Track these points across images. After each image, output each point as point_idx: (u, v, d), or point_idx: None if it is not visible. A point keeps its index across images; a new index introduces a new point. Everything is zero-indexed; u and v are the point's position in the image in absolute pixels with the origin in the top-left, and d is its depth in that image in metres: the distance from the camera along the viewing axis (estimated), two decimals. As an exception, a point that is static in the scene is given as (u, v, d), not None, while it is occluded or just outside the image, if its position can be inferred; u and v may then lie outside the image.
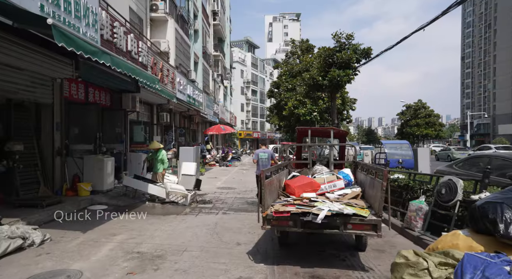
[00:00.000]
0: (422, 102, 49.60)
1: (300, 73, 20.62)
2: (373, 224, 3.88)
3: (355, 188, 5.28)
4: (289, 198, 4.96)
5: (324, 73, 14.60)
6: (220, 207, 8.42)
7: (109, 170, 8.87)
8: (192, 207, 8.30)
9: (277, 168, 5.61)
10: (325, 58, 14.52)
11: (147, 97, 13.73)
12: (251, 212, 7.87)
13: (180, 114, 20.44)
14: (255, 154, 8.89)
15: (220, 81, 34.04)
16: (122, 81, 10.26)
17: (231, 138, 44.72)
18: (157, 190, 8.41)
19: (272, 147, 23.02)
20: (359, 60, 14.35)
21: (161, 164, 9.05)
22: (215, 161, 23.37)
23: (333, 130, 6.81)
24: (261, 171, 4.40)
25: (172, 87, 14.85)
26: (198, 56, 22.94)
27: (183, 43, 18.29)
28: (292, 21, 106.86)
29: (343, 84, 14.08)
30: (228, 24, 41.12)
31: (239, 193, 10.89)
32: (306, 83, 15.99)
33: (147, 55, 11.54)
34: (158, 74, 12.98)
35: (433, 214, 5.21)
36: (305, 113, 19.53)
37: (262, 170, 4.44)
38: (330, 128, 6.86)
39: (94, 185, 8.35)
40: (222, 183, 13.57)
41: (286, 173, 6.28)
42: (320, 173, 5.76)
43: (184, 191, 8.48)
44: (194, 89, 18.97)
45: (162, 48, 15.29)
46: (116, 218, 6.76)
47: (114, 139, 11.06)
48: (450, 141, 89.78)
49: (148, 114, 15.49)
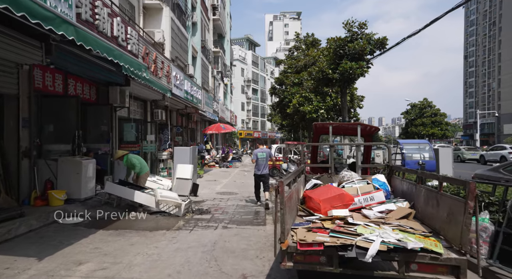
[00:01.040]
0: (428, 101, 48.25)
1: (305, 67, 19.29)
2: (453, 265, 2.55)
3: (400, 202, 3.94)
4: (314, 217, 3.64)
5: (335, 65, 13.26)
6: (220, 218, 7.08)
7: (90, 174, 7.55)
8: (186, 218, 6.97)
9: (295, 175, 4.29)
10: (336, 49, 13.19)
11: (140, 92, 12.41)
12: (257, 225, 6.54)
13: (177, 112, 19.10)
14: (254, 153, 8.87)
15: (220, 78, 32.70)
16: (107, 72, 8.93)
17: (231, 138, 43.38)
18: (145, 198, 7.07)
19: (276, 146, 21.66)
20: (373, 52, 13.02)
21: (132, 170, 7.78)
22: (215, 162, 22.03)
23: (360, 126, 5.48)
24: (280, 182, 3.09)
25: (167, 81, 13.51)
26: (196, 50, 21.60)
27: (179, 34, 16.95)
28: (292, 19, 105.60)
29: (355, 77, 12.74)
30: (228, 20, 39.78)
31: (242, 200, 9.56)
32: (314, 77, 14.64)
33: (137, 44, 10.18)
34: (151, 66, 11.63)
35: (506, 238, 3.88)
36: (311, 110, 18.18)
37: (281, 180, 3.12)
38: (356, 124, 5.51)
39: (70, 192, 7.02)
40: (222, 187, 12.23)
41: (303, 181, 4.96)
42: (349, 181, 4.42)
43: (177, 199, 7.15)
44: (192, 85, 17.63)
45: (156, 38, 13.95)
46: (91, 235, 5.43)
47: (99, 138, 9.72)
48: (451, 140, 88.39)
49: (141, 112, 14.15)
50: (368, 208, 3.90)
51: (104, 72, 8.92)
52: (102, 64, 8.22)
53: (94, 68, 8.39)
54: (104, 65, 8.33)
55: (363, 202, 3.99)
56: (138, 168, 7.68)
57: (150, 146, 13.52)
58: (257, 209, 8.23)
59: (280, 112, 25.91)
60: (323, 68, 13.40)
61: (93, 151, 9.32)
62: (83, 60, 7.79)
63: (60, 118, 7.99)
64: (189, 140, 21.21)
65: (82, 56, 7.47)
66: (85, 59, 7.72)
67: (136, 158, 7.74)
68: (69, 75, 8.55)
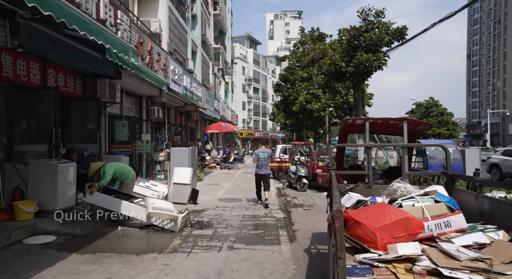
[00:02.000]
0: (434, 100, 46.99)
1: (313, 62, 18.06)
2: None
3: (493, 231, 2.71)
4: (372, 256, 2.41)
5: (348, 58, 12.03)
6: (224, 234, 5.87)
7: (69, 180, 6.33)
8: (184, 234, 5.75)
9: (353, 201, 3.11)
10: (350, 40, 11.97)
11: (134, 86, 11.21)
12: (270, 244, 5.33)
13: (176, 110, 17.89)
14: (255, 153, 9.02)
15: (221, 76, 31.49)
16: (93, 62, 7.72)
17: (232, 138, 42.15)
18: (133, 209, 5.86)
19: (281, 147, 20.45)
20: (391, 42, 11.80)
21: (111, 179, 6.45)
22: (216, 163, 20.82)
23: (406, 122, 4.23)
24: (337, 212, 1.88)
25: (164, 75, 12.29)
26: (196, 44, 20.39)
27: (178, 26, 15.74)
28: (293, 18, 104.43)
29: (372, 70, 11.52)
30: (230, 16, 38.57)
31: (248, 208, 8.35)
32: (324, 71, 13.41)
33: (129, 31, 8.97)
34: (146, 58, 10.44)
35: None
36: (320, 108, 16.95)
37: (338, 210, 1.91)
38: (402, 119, 4.28)
39: (43, 203, 5.80)
40: (224, 191, 11.01)
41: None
42: (406, 197, 3.20)
43: (173, 211, 5.93)
44: (192, 81, 16.42)
45: (152, 28, 12.74)
46: (59, 263, 4.21)
47: (85, 137, 8.53)
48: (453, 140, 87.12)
49: (136, 109, 12.95)
50: (444, 239, 2.69)
51: (90, 62, 7.72)
52: (86, 51, 7.02)
53: (77, 56, 7.18)
54: (88, 52, 7.13)
55: (434, 229, 2.78)
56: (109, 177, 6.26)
57: (145, 146, 12.32)
58: (267, 220, 7.02)
59: (284, 110, 24.68)
60: (336, 61, 12.17)
61: (78, 152, 8.12)
62: (62, 46, 6.58)
63: (35, 114, 6.78)
64: (188, 139, 20.00)
65: (60, 40, 6.26)
66: (64, 44, 6.51)
67: (112, 167, 6.44)
68: (49, 64, 7.34)
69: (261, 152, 8.87)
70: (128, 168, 6.82)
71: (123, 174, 6.60)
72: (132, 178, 6.73)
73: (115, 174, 6.51)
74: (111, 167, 6.48)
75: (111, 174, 6.40)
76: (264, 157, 8.76)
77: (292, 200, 10.07)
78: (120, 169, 6.64)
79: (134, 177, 6.87)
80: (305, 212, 8.24)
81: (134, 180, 6.89)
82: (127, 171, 6.69)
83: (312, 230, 6.40)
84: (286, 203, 9.55)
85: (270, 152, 8.97)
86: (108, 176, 6.27)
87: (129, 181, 6.63)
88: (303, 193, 11.26)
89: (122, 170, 6.63)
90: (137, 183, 8.32)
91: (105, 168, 6.44)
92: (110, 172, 6.38)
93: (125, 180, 6.62)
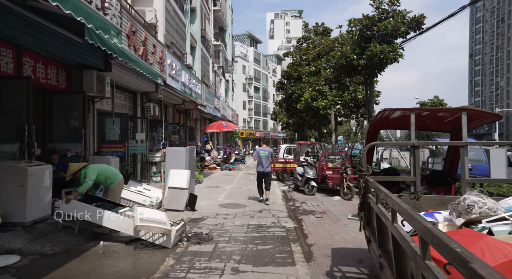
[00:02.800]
0: (439, 99, 45.81)
1: (319, 57, 17.08)
2: None
3: None
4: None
5: (360, 50, 11.06)
6: (226, 251, 4.89)
7: (45, 185, 5.36)
8: (178, 252, 4.77)
9: None
10: (362, 30, 10.99)
11: (127, 81, 10.26)
12: (282, 264, 4.36)
13: (174, 108, 16.91)
14: (256, 151, 9.38)
15: (221, 74, 30.53)
16: (74, 48, 6.75)
17: (232, 138, 41.16)
18: (118, 221, 4.88)
19: (285, 146, 19.46)
20: (407, 33, 10.83)
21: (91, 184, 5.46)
22: (216, 164, 19.84)
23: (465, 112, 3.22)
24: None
25: (160, 69, 11.33)
26: (195, 39, 19.41)
27: (176, 18, 14.77)
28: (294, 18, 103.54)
29: (387, 63, 10.54)
30: (230, 13, 37.60)
31: (253, 216, 7.38)
32: (333, 64, 12.43)
33: (119, 17, 8.01)
34: (140, 49, 9.47)
35: None
36: (326, 106, 15.97)
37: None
38: (459, 109, 3.26)
39: (9, 214, 4.82)
40: (225, 196, 10.04)
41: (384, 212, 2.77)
42: (495, 218, 2.21)
43: (165, 222, 4.95)
44: (191, 78, 15.45)
45: (147, 18, 11.77)
46: (13, 297, 3.24)
47: (68, 136, 7.56)
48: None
49: (130, 105, 11.97)
50: None
51: (73, 50, 6.77)
52: (64, 34, 6.04)
53: (56, 42, 6.22)
54: (66, 36, 6.15)
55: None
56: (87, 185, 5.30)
57: (140, 146, 11.35)
58: (276, 232, 6.04)
59: (287, 109, 23.70)
60: (346, 53, 11.19)
61: (61, 153, 7.16)
62: (36, 28, 5.62)
63: (4, 108, 5.81)
64: (187, 139, 19.03)
65: (32, 20, 5.29)
66: (38, 25, 5.54)
67: (95, 169, 5.46)
68: (25, 51, 6.37)
69: (262, 150, 9.12)
70: (115, 171, 5.84)
71: (108, 178, 5.63)
72: (118, 183, 5.75)
73: (99, 178, 5.54)
74: (94, 169, 5.50)
75: (93, 178, 5.42)
76: (265, 155, 8.98)
77: (301, 205, 9.10)
78: (105, 172, 5.66)
79: (122, 181, 5.89)
80: (318, 220, 7.26)
81: (122, 185, 5.91)
82: (113, 174, 5.70)
83: (331, 245, 5.42)
84: (294, 209, 8.58)
85: (271, 151, 9.19)
86: (89, 181, 5.29)
87: (115, 186, 5.65)
88: (312, 197, 10.29)
89: (106, 173, 5.66)
90: (127, 188, 7.35)
91: (86, 171, 5.47)
92: (92, 176, 5.39)
93: (110, 185, 5.64)
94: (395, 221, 2.04)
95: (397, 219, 2.06)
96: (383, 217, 2.40)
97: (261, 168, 8.94)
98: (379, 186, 2.61)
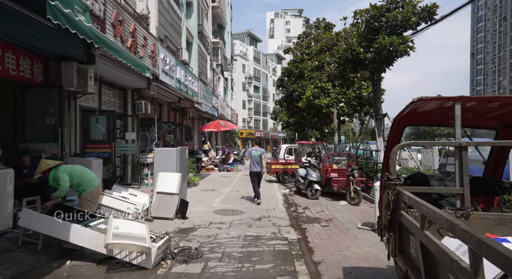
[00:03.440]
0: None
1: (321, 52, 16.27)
2: None
3: None
4: None
5: (367, 43, 10.25)
6: (218, 272, 4.08)
7: (7, 191, 4.56)
8: (159, 275, 3.96)
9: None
10: (369, 21, 10.18)
11: (114, 75, 9.44)
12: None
13: (169, 106, 16.10)
14: (248, 151, 9.49)
15: (220, 72, 29.73)
16: (46, 34, 5.92)
17: (232, 138, 40.33)
18: (87, 237, 4.07)
19: (286, 146, 18.66)
20: (418, 24, 10.01)
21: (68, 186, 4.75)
22: (214, 165, 19.04)
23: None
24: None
25: (153, 64, 10.54)
26: (192, 35, 18.61)
27: (170, 11, 13.96)
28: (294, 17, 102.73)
29: (397, 56, 9.74)
30: (229, 11, 36.83)
31: (251, 224, 6.57)
32: (338, 59, 11.62)
33: (103, 3, 7.23)
34: (128, 40, 8.69)
35: None
36: (329, 104, 15.14)
37: None
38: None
39: (-43, 228, 4.02)
40: (221, 200, 9.23)
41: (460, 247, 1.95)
42: None
43: (145, 237, 4.13)
44: (187, 74, 14.65)
45: (138, 9, 10.99)
46: None
47: (44, 135, 6.77)
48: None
49: (119, 103, 11.16)
50: None
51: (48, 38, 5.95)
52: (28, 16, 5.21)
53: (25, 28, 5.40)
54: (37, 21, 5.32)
55: None
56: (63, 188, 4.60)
57: (130, 146, 10.57)
58: (277, 245, 5.23)
59: (287, 108, 22.88)
60: (352, 46, 10.37)
61: (34, 154, 6.36)
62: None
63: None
64: (183, 139, 18.22)
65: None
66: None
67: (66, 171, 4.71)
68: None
69: (254, 150, 9.18)
70: (90, 176, 5.03)
71: (80, 183, 4.82)
72: (93, 190, 4.94)
73: (70, 182, 4.75)
74: (64, 171, 4.73)
75: (67, 179, 4.69)
76: (257, 155, 9.06)
77: (304, 211, 8.29)
78: (78, 177, 4.86)
79: (98, 188, 5.06)
80: (324, 230, 6.45)
81: (97, 193, 5.09)
82: (86, 180, 4.88)
83: (341, 262, 4.61)
84: (297, 215, 7.77)
85: (262, 151, 9.33)
86: (63, 183, 4.60)
87: (86, 194, 4.83)
88: (315, 202, 9.48)
89: (79, 178, 4.85)
90: (110, 193, 6.55)
91: (56, 172, 4.71)
92: (65, 177, 4.66)
93: (82, 193, 4.83)
94: (479, 272, 1.23)
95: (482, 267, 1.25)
96: (439, 254, 1.59)
97: (254, 168, 9.02)
98: (427, 205, 1.81)
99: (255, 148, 9.43)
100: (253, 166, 9.05)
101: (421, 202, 1.88)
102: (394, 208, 2.55)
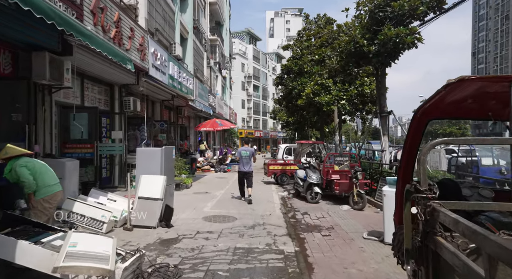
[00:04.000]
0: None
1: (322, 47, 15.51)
2: None
3: None
4: None
5: (371, 35, 9.51)
6: (196, 299, 3.35)
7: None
8: (123, 303, 3.23)
9: None
10: (373, 11, 9.45)
11: (97, 69, 8.72)
12: None
13: (162, 104, 15.38)
14: (238, 151, 9.35)
15: (218, 70, 29.00)
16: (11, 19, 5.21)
17: (230, 137, 39.58)
18: (37, 256, 3.33)
19: (285, 146, 17.93)
20: (426, 14, 9.28)
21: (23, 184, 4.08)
22: (210, 165, 18.30)
23: None
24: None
25: (141, 58, 9.84)
26: (187, 30, 17.86)
27: (162, 3, 13.22)
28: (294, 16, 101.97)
29: (405, 48, 9.00)
30: (227, 8, 36.09)
31: (243, 234, 5.83)
32: (339, 53, 10.87)
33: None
34: (111, 31, 7.99)
35: None
36: (330, 102, 14.40)
37: None
38: None
39: None
40: (213, 205, 8.49)
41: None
42: None
43: (107, 257, 3.38)
44: (181, 71, 13.93)
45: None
46: None
47: (11, 134, 6.01)
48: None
49: (105, 99, 10.45)
50: None
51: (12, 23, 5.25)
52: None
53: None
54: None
55: None
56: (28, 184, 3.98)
57: (118, 146, 9.85)
58: (270, 261, 4.49)
59: (286, 107, 22.14)
60: (355, 38, 9.64)
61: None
62: None
63: None
64: (178, 138, 17.49)
65: None
66: None
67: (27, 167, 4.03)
68: None
69: (244, 150, 9.02)
70: (49, 180, 4.28)
71: (42, 182, 4.11)
72: (54, 194, 4.20)
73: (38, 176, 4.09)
74: (23, 166, 4.08)
75: (28, 172, 4.08)
76: (247, 155, 8.92)
77: (303, 217, 7.55)
78: (41, 172, 4.18)
79: (56, 195, 4.31)
80: (325, 240, 5.70)
81: (55, 201, 4.33)
82: (43, 184, 4.15)
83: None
84: (295, 222, 7.02)
85: (252, 151, 9.19)
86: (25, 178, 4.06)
87: (46, 197, 4.11)
88: (315, 206, 8.74)
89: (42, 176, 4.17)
90: (84, 199, 5.82)
91: (15, 164, 4.06)
92: (25, 172, 4.04)
93: (39, 196, 4.10)
94: None
95: None
96: None
97: (242, 168, 8.88)
98: (497, 240, 1.08)
99: (245, 147, 9.29)
100: (241, 166, 8.93)
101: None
102: (426, 231, 1.81)
